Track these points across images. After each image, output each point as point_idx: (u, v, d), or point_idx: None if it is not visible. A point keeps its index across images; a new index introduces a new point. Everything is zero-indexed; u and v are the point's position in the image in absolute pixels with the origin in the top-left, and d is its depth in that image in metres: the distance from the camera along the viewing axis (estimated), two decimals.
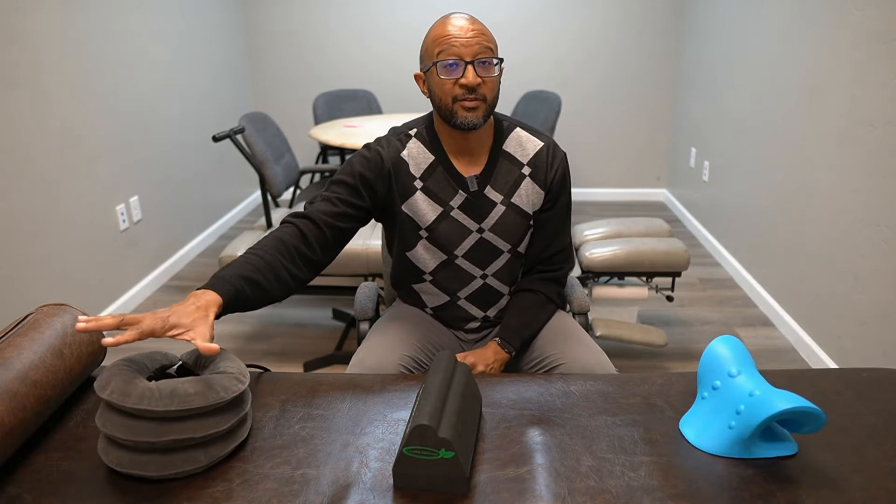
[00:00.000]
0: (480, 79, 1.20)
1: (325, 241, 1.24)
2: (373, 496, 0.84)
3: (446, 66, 1.20)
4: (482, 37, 1.21)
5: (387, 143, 1.33)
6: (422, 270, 1.40)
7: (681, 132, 4.28)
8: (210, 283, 1.04)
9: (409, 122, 1.37)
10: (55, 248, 2.49)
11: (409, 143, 1.33)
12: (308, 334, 2.74)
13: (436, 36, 1.22)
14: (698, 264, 3.50)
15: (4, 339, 0.96)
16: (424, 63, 1.27)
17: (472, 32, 1.20)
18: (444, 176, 1.32)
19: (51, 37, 2.45)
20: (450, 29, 1.21)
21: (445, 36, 1.20)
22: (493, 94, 1.24)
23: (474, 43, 1.20)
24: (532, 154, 1.35)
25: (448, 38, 1.20)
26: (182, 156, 3.53)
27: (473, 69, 1.20)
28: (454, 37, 1.20)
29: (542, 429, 0.98)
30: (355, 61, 4.41)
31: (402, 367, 1.30)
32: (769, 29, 2.92)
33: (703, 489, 0.85)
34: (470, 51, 1.19)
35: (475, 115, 1.23)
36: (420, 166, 1.32)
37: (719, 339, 1.02)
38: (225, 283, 1.05)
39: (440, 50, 1.21)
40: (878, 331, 2.10)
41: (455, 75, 1.21)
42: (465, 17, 1.23)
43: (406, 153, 1.33)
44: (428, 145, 1.33)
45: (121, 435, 0.84)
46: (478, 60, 1.20)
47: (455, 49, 1.19)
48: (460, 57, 1.20)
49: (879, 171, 2.10)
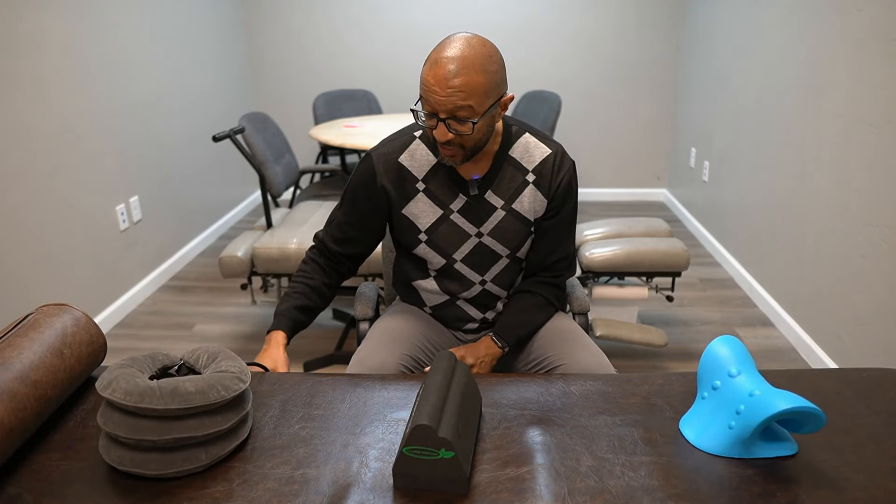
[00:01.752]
0: (452, 134, 1.17)
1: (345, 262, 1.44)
2: (373, 496, 0.84)
3: (425, 115, 1.19)
4: (460, 94, 1.12)
5: (383, 152, 1.33)
6: (426, 265, 1.41)
7: (681, 132, 4.28)
8: (274, 323, 1.34)
9: (414, 123, 1.37)
10: (55, 248, 2.49)
11: (412, 145, 1.33)
12: (308, 334, 2.75)
13: (423, 75, 1.16)
14: (698, 264, 3.50)
15: (4, 339, 0.96)
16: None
17: (450, 89, 1.12)
18: (446, 178, 1.32)
19: (51, 36, 2.45)
20: (432, 78, 1.13)
21: (426, 82, 1.14)
22: (473, 141, 1.20)
23: (450, 98, 1.12)
24: (538, 161, 1.32)
25: (428, 88, 1.14)
26: (182, 156, 3.53)
27: (445, 126, 1.16)
28: (432, 88, 1.13)
29: (542, 429, 0.98)
30: (355, 61, 4.41)
31: (403, 367, 1.30)
32: (769, 29, 2.92)
33: (703, 489, 0.85)
34: (443, 107, 1.14)
35: (453, 160, 1.23)
36: (423, 168, 1.32)
37: (719, 339, 1.02)
38: (286, 319, 1.34)
39: (422, 95, 1.17)
40: (878, 331, 2.10)
41: (431, 124, 1.19)
42: (453, 62, 1.12)
43: (406, 156, 1.32)
44: (432, 147, 1.32)
45: (122, 433, 0.84)
46: (451, 118, 1.15)
47: (430, 103, 1.15)
48: (434, 111, 1.16)
49: (879, 171, 2.10)
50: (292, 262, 2.23)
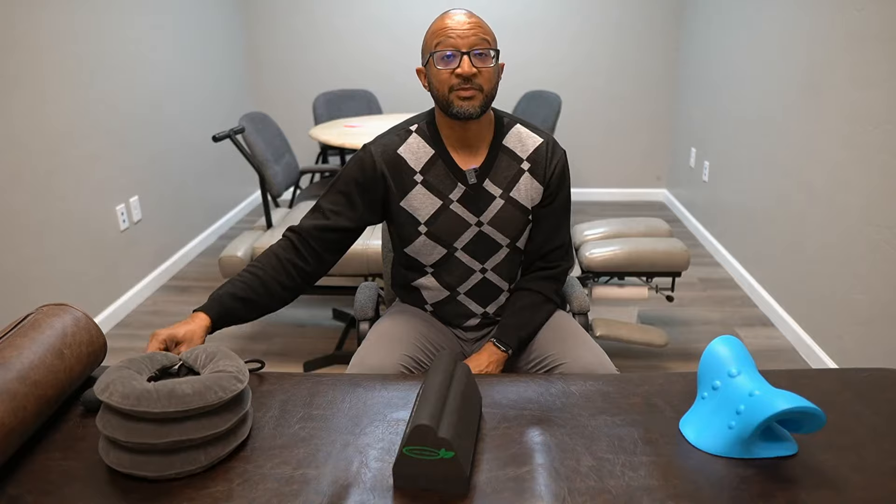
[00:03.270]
0: (476, 69, 1.23)
1: (316, 253, 1.32)
2: (373, 496, 0.84)
3: (444, 58, 1.23)
4: (479, 29, 1.23)
5: (382, 143, 1.35)
6: (422, 264, 1.41)
7: (681, 132, 4.28)
8: (205, 304, 1.20)
9: (410, 118, 1.39)
10: (55, 248, 2.49)
11: (409, 139, 1.35)
12: (308, 334, 2.75)
13: (434, 29, 1.26)
14: (698, 264, 3.50)
15: (4, 339, 0.96)
16: (424, 56, 1.29)
17: (468, 25, 1.23)
18: (444, 169, 1.33)
19: (51, 37, 2.45)
20: (447, 22, 1.24)
21: (443, 28, 1.24)
22: (491, 85, 1.26)
23: (470, 34, 1.22)
24: (532, 150, 1.36)
25: (445, 30, 1.23)
26: (182, 156, 3.53)
27: (469, 59, 1.22)
28: (451, 29, 1.23)
29: (542, 429, 0.98)
30: (355, 61, 4.41)
31: (403, 367, 1.30)
32: (769, 29, 2.92)
33: (703, 489, 0.85)
34: (466, 42, 1.22)
35: (471, 105, 1.24)
36: (420, 160, 1.33)
37: (719, 340, 1.02)
38: (216, 303, 1.20)
39: (438, 41, 1.24)
40: (878, 331, 2.10)
41: (451, 66, 1.23)
42: (463, 11, 1.26)
43: (405, 148, 1.34)
44: (428, 140, 1.34)
45: (121, 436, 0.84)
46: (474, 51, 1.23)
47: (451, 41, 1.22)
48: (456, 48, 1.22)
49: (879, 171, 2.10)
50: None
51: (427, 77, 1.30)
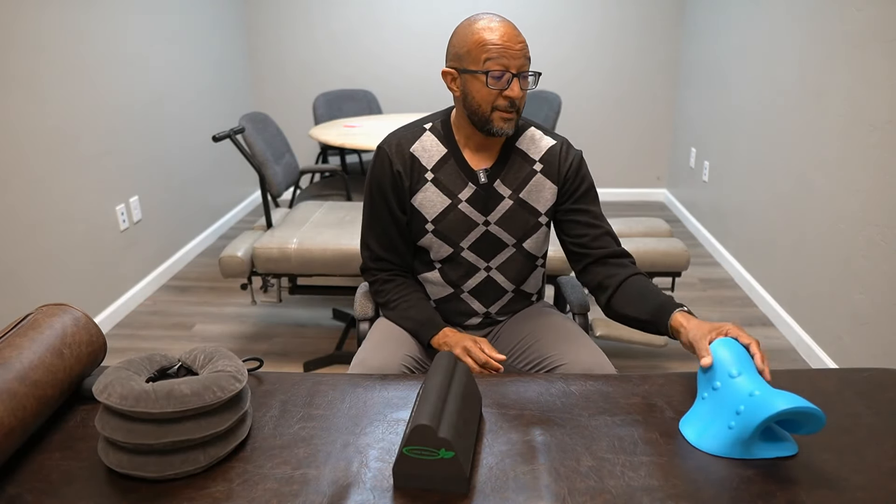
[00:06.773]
0: (522, 92, 1.23)
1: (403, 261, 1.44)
2: (373, 496, 0.84)
3: (495, 78, 1.21)
4: (527, 49, 1.23)
5: (395, 140, 1.36)
6: (431, 258, 1.42)
7: (681, 132, 4.28)
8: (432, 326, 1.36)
9: (425, 117, 1.40)
10: (55, 248, 2.49)
11: (422, 137, 1.36)
12: (308, 334, 2.75)
13: (482, 41, 1.20)
14: (698, 264, 3.50)
15: (4, 339, 0.96)
16: (464, 64, 1.24)
17: (519, 45, 1.21)
18: (455, 168, 1.34)
19: (50, 36, 2.45)
20: (499, 37, 1.20)
21: (495, 44, 1.20)
22: (523, 104, 1.27)
23: (521, 55, 1.21)
24: (545, 150, 1.36)
25: (498, 47, 1.19)
26: (182, 156, 3.53)
27: (519, 82, 1.22)
28: (504, 47, 1.19)
29: (542, 429, 0.98)
30: (355, 61, 4.41)
31: (404, 367, 1.30)
32: (769, 29, 2.92)
33: (703, 489, 0.85)
34: (516, 63, 1.21)
35: (510, 126, 1.26)
36: (433, 158, 1.34)
37: (720, 340, 1.02)
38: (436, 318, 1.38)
39: (488, 57, 1.20)
40: (878, 331, 2.10)
41: (500, 86, 1.22)
42: (509, 24, 1.22)
43: (418, 146, 1.35)
44: (442, 139, 1.35)
45: (120, 437, 0.84)
46: (522, 74, 1.22)
47: (504, 60, 1.20)
48: (507, 69, 1.20)
49: (879, 171, 2.09)
50: (292, 263, 2.23)
51: (462, 85, 1.26)
